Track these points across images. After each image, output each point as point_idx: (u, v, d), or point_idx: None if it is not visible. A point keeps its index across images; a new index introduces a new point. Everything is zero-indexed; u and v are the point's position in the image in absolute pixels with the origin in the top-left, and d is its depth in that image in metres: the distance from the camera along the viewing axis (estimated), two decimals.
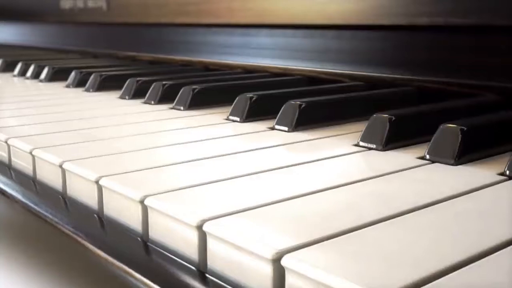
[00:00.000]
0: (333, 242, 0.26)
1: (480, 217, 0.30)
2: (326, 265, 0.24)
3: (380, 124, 0.45)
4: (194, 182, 0.35)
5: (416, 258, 0.24)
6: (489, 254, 0.25)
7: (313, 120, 0.53)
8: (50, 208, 0.38)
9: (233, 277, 0.27)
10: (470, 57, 0.62)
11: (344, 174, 0.38)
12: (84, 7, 1.33)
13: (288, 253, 0.25)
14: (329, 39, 0.79)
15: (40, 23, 1.59)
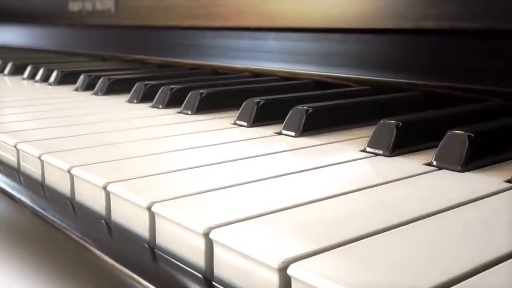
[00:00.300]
0: (339, 251, 0.26)
1: (486, 225, 0.30)
2: (332, 275, 0.24)
3: (387, 130, 0.45)
4: (201, 189, 0.35)
5: (419, 268, 0.24)
6: (494, 265, 0.25)
7: (320, 125, 0.53)
8: (58, 213, 0.38)
9: (239, 284, 0.27)
10: (477, 61, 0.62)
11: (350, 181, 0.38)
12: (93, 9, 1.33)
13: (294, 262, 0.25)
14: (336, 43, 0.79)
15: (49, 26, 1.60)
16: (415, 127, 0.47)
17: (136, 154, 0.44)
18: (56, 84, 0.91)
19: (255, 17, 0.91)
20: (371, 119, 0.56)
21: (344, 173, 0.40)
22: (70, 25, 1.47)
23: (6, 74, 1.08)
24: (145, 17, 1.17)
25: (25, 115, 0.64)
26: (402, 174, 0.39)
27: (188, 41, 1.07)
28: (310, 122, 0.52)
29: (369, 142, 0.46)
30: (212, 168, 0.41)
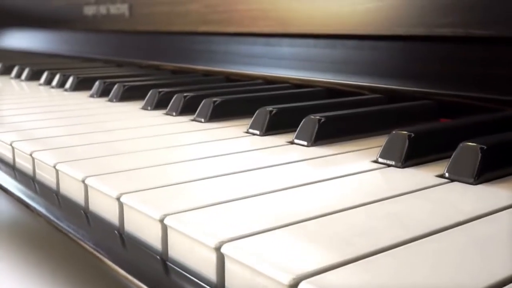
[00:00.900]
0: (349, 268, 0.26)
1: (499, 242, 0.29)
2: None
3: (399, 140, 0.45)
4: (214, 200, 0.35)
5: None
6: (509, 284, 0.24)
7: (332, 135, 0.53)
8: (72, 223, 0.38)
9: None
10: (492, 70, 0.61)
11: (362, 193, 0.37)
12: (107, 13, 1.34)
13: (305, 279, 0.25)
14: (349, 50, 0.79)
15: (64, 30, 1.61)
16: (427, 138, 0.46)
17: (150, 164, 0.45)
18: (71, 90, 0.92)
19: (268, 23, 0.91)
20: (384, 128, 0.56)
21: (356, 185, 0.40)
22: (85, 30, 1.48)
23: (23, 79, 1.09)
24: (159, 22, 1.18)
25: (41, 122, 0.64)
26: (414, 186, 0.39)
27: (202, 47, 1.07)
28: (322, 131, 0.52)
29: (381, 153, 0.46)
30: (224, 179, 0.41)
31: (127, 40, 1.32)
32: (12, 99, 0.85)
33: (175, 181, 0.40)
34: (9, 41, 1.97)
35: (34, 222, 0.43)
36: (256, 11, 0.94)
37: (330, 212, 0.33)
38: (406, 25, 0.70)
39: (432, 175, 0.42)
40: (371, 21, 0.74)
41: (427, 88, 0.65)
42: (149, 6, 1.21)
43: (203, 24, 1.07)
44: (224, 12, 1.02)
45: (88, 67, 1.16)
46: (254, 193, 0.37)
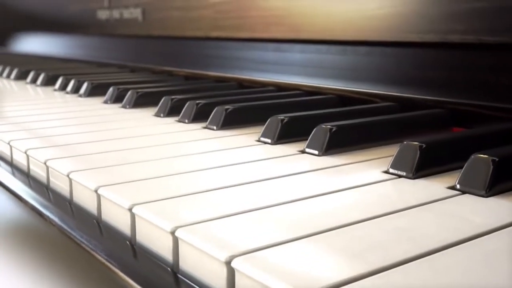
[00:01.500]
0: (360, 284, 0.26)
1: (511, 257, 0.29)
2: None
3: (410, 151, 0.45)
4: (225, 212, 0.35)
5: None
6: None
7: (343, 144, 0.53)
8: (85, 233, 0.39)
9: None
10: (505, 77, 0.61)
11: (372, 206, 0.37)
12: (120, 17, 1.35)
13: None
14: (361, 56, 0.79)
15: (79, 35, 1.62)
16: (438, 148, 0.46)
17: (162, 173, 0.45)
18: (86, 96, 0.92)
19: (280, 29, 0.91)
20: (395, 137, 0.56)
21: (366, 197, 0.39)
22: (100, 34, 1.49)
23: (39, 84, 1.10)
24: (172, 27, 1.18)
25: (56, 129, 0.64)
26: (425, 198, 0.38)
27: (214, 53, 1.07)
28: (333, 141, 0.52)
29: (392, 163, 0.45)
30: (236, 189, 0.41)
31: (140, 45, 1.32)
32: (27, 104, 0.85)
33: (187, 192, 0.40)
34: (26, 46, 1.99)
35: (48, 230, 0.43)
36: (269, 17, 0.94)
37: (341, 225, 0.33)
38: (417, 32, 0.70)
39: (443, 187, 0.41)
40: (383, 27, 0.74)
41: (439, 96, 0.64)
42: (162, 11, 1.21)
43: (215, 30, 1.07)
44: (237, 18, 1.02)
45: (102, 73, 1.16)
46: (265, 205, 0.37)
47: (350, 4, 0.78)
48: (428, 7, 0.68)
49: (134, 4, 1.30)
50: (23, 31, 2.05)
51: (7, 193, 0.50)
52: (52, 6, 1.77)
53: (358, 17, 0.77)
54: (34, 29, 1.95)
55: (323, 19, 0.83)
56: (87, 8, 1.52)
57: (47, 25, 1.82)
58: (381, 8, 0.74)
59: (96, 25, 1.47)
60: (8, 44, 2.12)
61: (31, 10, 1.96)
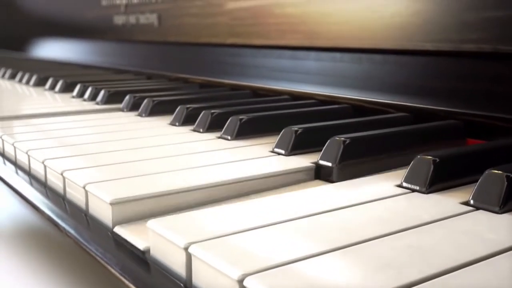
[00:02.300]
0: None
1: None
2: None
3: (423, 165, 0.44)
4: (239, 228, 0.35)
5: None
6: None
7: (357, 156, 0.52)
8: (100, 246, 0.39)
9: None
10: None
11: (385, 222, 0.37)
12: (136, 23, 1.36)
13: None
14: (375, 65, 0.79)
15: (96, 41, 1.64)
16: (452, 163, 0.46)
17: (177, 186, 0.44)
18: (103, 103, 0.93)
19: (295, 36, 0.91)
20: (409, 148, 0.56)
21: (379, 213, 0.39)
22: (116, 40, 1.50)
23: (57, 91, 1.11)
24: (188, 34, 1.19)
25: (73, 138, 0.65)
26: (438, 214, 0.38)
27: (230, 60, 1.08)
28: (347, 153, 0.51)
29: (406, 177, 0.45)
30: (249, 204, 0.41)
31: (156, 51, 1.33)
32: (45, 112, 0.86)
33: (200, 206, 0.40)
34: (45, 51, 2.01)
35: (63, 240, 0.43)
36: (284, 24, 0.94)
37: (353, 242, 0.33)
38: (432, 40, 0.69)
39: (456, 202, 0.41)
40: (398, 35, 0.73)
41: (454, 107, 0.64)
42: (178, 17, 1.22)
43: (231, 36, 1.08)
44: (252, 25, 1.02)
45: (119, 80, 1.17)
46: (278, 220, 0.37)
47: (365, 12, 0.77)
48: (443, 16, 0.67)
49: (150, 10, 1.31)
50: (42, 36, 2.07)
51: (24, 203, 0.51)
52: (70, 12, 1.79)
53: (374, 25, 0.77)
54: (53, 35, 1.97)
55: (338, 26, 0.82)
56: (104, 13, 1.53)
57: (65, 30, 1.84)
58: (396, 16, 0.74)
59: (113, 31, 1.48)
60: (28, 49, 2.14)
61: (50, 16, 1.98)
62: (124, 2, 1.42)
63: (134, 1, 1.37)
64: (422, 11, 0.70)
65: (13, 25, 2.37)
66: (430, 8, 0.69)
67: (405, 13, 0.72)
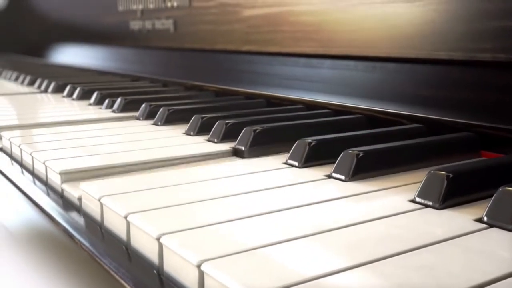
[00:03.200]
0: None
1: None
2: None
3: (437, 181, 0.44)
4: (252, 244, 0.35)
5: None
6: None
7: (370, 169, 0.52)
8: (114, 260, 0.39)
9: None
10: None
11: (398, 240, 0.36)
12: (152, 28, 1.37)
13: None
14: (389, 74, 0.78)
15: (114, 47, 1.65)
16: (466, 178, 0.45)
17: (191, 199, 0.45)
18: (119, 111, 0.93)
19: (310, 44, 0.91)
20: (423, 161, 0.55)
21: (392, 230, 0.39)
22: (133, 46, 1.51)
23: (75, 98, 1.12)
24: (203, 40, 1.19)
25: (90, 148, 0.65)
26: (451, 232, 0.38)
27: (245, 68, 1.08)
28: (360, 166, 0.51)
29: (419, 193, 0.45)
30: (263, 219, 0.41)
31: (172, 58, 1.34)
32: (61, 121, 0.87)
33: (214, 221, 0.40)
34: (64, 57, 2.02)
35: (78, 253, 0.43)
36: (299, 32, 0.94)
37: (366, 261, 0.33)
38: (446, 49, 0.69)
39: (470, 219, 0.40)
40: (411, 43, 0.73)
41: (468, 118, 0.63)
42: (194, 24, 1.22)
43: (246, 44, 1.08)
44: (267, 33, 1.02)
45: (135, 87, 1.18)
46: (290, 237, 0.37)
47: (380, 20, 0.77)
48: (458, 24, 0.67)
49: (166, 16, 1.31)
50: (60, 42, 2.09)
51: (40, 213, 0.51)
52: (88, 17, 1.81)
53: (388, 33, 0.76)
54: (71, 40, 1.99)
55: (353, 34, 0.82)
56: (120, 19, 1.54)
57: (83, 36, 1.85)
58: (411, 25, 0.73)
59: (129, 37, 1.50)
60: (47, 55, 2.16)
61: (69, 21, 2.00)
62: (140, 7, 1.43)
63: (150, 7, 1.38)
64: (436, 20, 0.70)
65: (32, 31, 2.40)
66: (445, 17, 0.68)
67: (419, 21, 0.72)
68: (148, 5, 1.39)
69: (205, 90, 1.07)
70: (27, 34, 2.46)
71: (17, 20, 2.55)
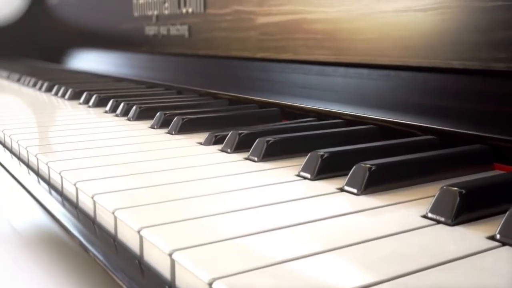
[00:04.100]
0: None
1: None
2: None
3: (449, 197, 0.43)
4: (265, 262, 0.35)
5: None
6: None
7: (383, 183, 0.52)
8: (127, 275, 0.39)
9: None
10: None
11: (410, 258, 0.36)
12: (167, 34, 1.37)
13: None
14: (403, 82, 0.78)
15: (128, 52, 1.66)
16: (479, 194, 0.45)
17: (203, 213, 0.45)
18: (134, 119, 0.94)
19: (323, 52, 0.91)
20: (436, 174, 0.55)
21: (404, 248, 0.38)
22: (148, 52, 1.52)
23: (91, 105, 1.13)
24: (217, 47, 1.20)
25: (105, 159, 0.66)
26: (464, 250, 0.37)
27: (258, 75, 1.08)
28: (372, 180, 0.51)
29: (431, 208, 0.44)
30: (276, 234, 0.40)
31: (187, 64, 1.34)
32: (77, 129, 0.87)
33: (227, 237, 0.39)
34: (81, 63, 2.04)
35: (92, 266, 0.44)
36: (311, 40, 0.94)
37: (380, 281, 0.32)
38: (461, 59, 0.68)
39: (483, 237, 0.40)
40: (426, 52, 0.73)
41: (481, 131, 0.62)
42: (208, 30, 1.23)
43: (260, 51, 1.08)
44: (281, 40, 1.02)
45: (150, 95, 1.18)
46: (307, 253, 0.36)
47: (393, 28, 0.77)
48: (472, 34, 0.66)
49: (181, 23, 1.32)
50: (78, 47, 2.11)
51: (56, 224, 0.51)
52: (105, 24, 1.82)
53: (402, 42, 0.76)
54: (88, 46, 2.01)
55: (366, 43, 0.82)
56: (136, 25, 1.55)
57: (100, 42, 1.87)
58: (425, 34, 0.73)
59: (145, 42, 1.51)
60: (65, 61, 2.18)
61: (87, 27, 2.01)
62: (156, 13, 1.44)
63: (165, 13, 1.39)
64: (451, 29, 0.69)
65: (51, 37, 2.42)
66: (459, 26, 0.68)
67: (434, 30, 0.71)
68: (163, 11, 1.40)
69: (219, 98, 1.07)
70: (46, 40, 2.48)
71: (36, 26, 2.58)
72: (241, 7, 1.12)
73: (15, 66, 2.14)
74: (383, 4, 0.79)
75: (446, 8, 0.70)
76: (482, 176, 0.55)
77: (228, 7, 1.17)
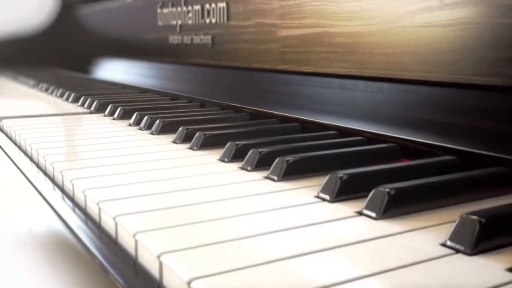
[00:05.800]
0: None
1: None
2: None
3: (469, 226, 0.43)
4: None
5: None
6: None
7: (402, 207, 0.51)
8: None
9: None
10: None
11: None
12: (191, 43, 1.39)
13: None
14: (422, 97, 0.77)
15: (152, 62, 1.68)
16: (499, 222, 0.44)
17: (222, 239, 0.44)
18: (157, 133, 0.94)
19: (343, 65, 0.91)
20: (456, 197, 0.54)
21: (423, 279, 0.38)
22: (172, 63, 1.53)
23: (115, 118, 1.14)
24: (240, 59, 1.20)
25: (127, 177, 0.66)
26: (482, 284, 0.37)
27: (279, 89, 1.08)
28: (391, 204, 0.50)
29: (451, 236, 0.43)
30: (293, 262, 0.40)
31: (210, 76, 1.35)
32: (102, 143, 0.88)
33: (245, 264, 0.39)
34: (107, 73, 2.06)
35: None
36: (332, 53, 0.94)
37: None
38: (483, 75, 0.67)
39: (502, 269, 0.39)
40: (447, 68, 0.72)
41: (503, 152, 0.61)
42: (231, 42, 1.23)
43: (281, 63, 1.08)
44: (302, 53, 1.02)
45: (174, 107, 1.19)
46: (322, 285, 0.36)
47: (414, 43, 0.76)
48: (494, 50, 0.66)
49: (204, 33, 1.33)
50: (104, 57, 2.14)
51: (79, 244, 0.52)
52: (130, 33, 1.84)
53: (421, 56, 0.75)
54: (113, 56, 2.03)
55: (386, 57, 0.81)
56: (160, 34, 1.57)
57: (125, 51, 1.89)
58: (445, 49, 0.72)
59: (169, 52, 1.52)
60: (91, 70, 2.21)
61: (112, 38, 2.04)
62: (179, 23, 1.45)
63: (189, 23, 1.40)
64: (472, 45, 0.68)
65: (77, 46, 2.46)
66: (481, 42, 0.67)
67: (455, 46, 0.71)
68: (187, 21, 1.41)
69: (240, 111, 1.07)
70: (72, 50, 2.52)
71: (63, 36, 2.62)
72: (263, 19, 1.13)
73: (42, 75, 2.17)
74: (403, 20, 0.78)
75: (467, 24, 0.70)
76: (502, 199, 0.55)
77: (250, 19, 1.17)
